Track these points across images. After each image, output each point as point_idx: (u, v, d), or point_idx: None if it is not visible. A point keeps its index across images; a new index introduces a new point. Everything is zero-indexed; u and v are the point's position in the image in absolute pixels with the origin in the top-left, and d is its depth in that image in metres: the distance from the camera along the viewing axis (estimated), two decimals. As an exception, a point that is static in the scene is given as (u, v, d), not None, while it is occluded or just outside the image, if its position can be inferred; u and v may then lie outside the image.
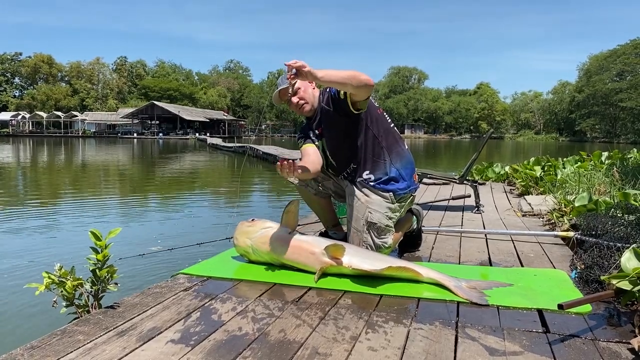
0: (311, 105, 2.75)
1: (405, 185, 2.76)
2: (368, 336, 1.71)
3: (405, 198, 2.79)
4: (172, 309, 1.96)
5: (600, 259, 2.45)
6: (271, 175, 16.42)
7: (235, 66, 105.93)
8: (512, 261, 2.85)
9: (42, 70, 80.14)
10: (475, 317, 1.90)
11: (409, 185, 2.78)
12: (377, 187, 2.70)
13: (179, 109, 64.87)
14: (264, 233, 2.58)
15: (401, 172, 2.75)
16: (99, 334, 1.70)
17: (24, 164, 20.79)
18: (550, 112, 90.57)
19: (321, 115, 2.75)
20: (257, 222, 2.66)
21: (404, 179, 2.76)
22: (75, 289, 2.09)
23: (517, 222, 4.19)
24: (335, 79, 2.38)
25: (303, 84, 2.68)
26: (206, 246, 3.38)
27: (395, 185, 2.72)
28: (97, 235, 2.13)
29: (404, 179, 2.76)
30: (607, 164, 6.73)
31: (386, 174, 2.71)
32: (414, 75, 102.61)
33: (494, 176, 7.98)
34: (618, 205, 3.37)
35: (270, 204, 10.01)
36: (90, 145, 39.93)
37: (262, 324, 1.81)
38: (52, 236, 6.17)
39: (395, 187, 2.72)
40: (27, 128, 67.59)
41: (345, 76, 2.39)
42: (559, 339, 1.69)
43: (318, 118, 2.77)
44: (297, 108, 2.74)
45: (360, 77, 2.42)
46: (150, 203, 9.77)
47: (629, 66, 72.51)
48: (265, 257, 2.56)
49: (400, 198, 2.76)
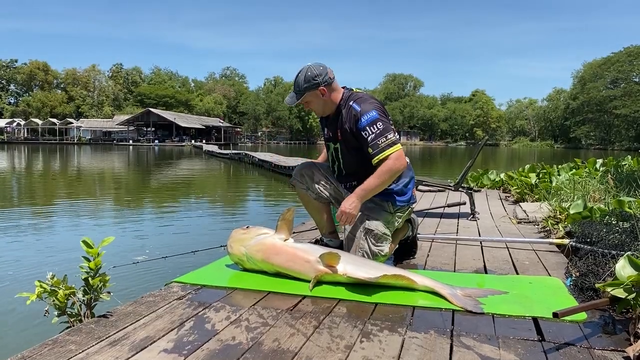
0: (322, 111, 2.79)
1: (406, 199, 2.78)
2: (363, 345, 1.69)
3: (403, 209, 2.80)
4: (166, 318, 1.94)
5: (595, 267, 2.45)
6: (267, 182, 16.42)
7: (231, 73, 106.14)
8: (507, 269, 2.85)
9: (38, 77, 79.94)
10: (470, 326, 1.89)
11: (409, 199, 2.80)
12: (376, 196, 2.68)
13: (175, 116, 64.85)
14: (259, 240, 2.56)
15: (402, 187, 2.75)
16: (91, 344, 1.68)
17: (18, 171, 20.69)
18: (545, 119, 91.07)
19: (339, 122, 2.73)
20: (252, 230, 2.64)
21: (405, 193, 2.77)
22: (67, 297, 2.07)
23: (512, 229, 4.19)
24: (376, 190, 2.56)
25: (311, 99, 2.70)
26: (200, 254, 3.37)
27: (394, 196, 2.73)
28: (88, 244, 2.11)
29: (405, 193, 2.77)
30: (601, 171, 6.75)
31: (389, 189, 2.70)
32: (410, 83, 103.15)
33: (489, 183, 8.00)
34: (612, 212, 3.38)
35: (265, 210, 9.98)
36: (86, 152, 39.81)
37: (256, 333, 1.80)
38: (45, 244, 6.13)
39: (394, 198, 2.73)
40: (22, 135, 67.36)
41: (382, 182, 2.53)
42: (554, 347, 1.69)
43: (335, 121, 2.76)
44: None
45: (396, 169, 2.53)
46: (144, 211, 9.73)
47: (623, 73, 73.09)
48: (259, 265, 2.54)
49: (399, 209, 2.77)
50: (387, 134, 2.53)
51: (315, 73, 2.64)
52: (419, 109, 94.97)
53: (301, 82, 2.65)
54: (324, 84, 2.64)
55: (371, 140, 2.53)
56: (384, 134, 2.52)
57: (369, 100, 2.66)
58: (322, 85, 2.64)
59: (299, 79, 2.66)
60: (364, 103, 2.62)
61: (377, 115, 2.55)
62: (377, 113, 2.56)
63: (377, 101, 2.71)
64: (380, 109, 2.61)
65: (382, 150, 2.52)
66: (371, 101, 2.66)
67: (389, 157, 2.51)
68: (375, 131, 2.52)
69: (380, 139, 2.52)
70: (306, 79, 2.63)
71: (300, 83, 2.65)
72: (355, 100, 2.66)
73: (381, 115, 2.57)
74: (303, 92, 2.66)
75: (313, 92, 2.65)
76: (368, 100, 2.65)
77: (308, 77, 2.63)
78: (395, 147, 2.53)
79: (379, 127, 2.53)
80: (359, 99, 2.66)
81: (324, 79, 2.64)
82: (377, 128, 2.52)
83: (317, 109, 2.77)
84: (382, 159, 2.52)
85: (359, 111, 2.59)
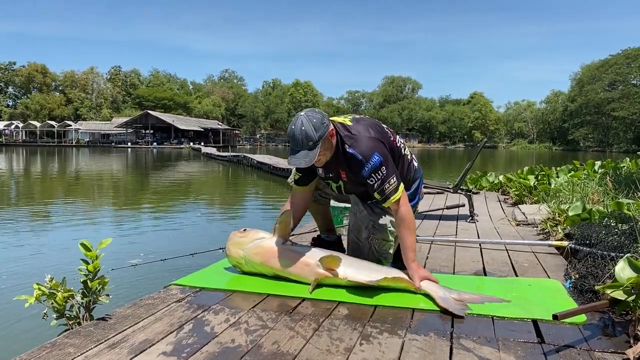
0: (327, 159, 2.47)
1: (414, 203, 2.73)
2: (362, 347, 1.69)
3: None
4: (165, 321, 1.93)
5: (594, 269, 2.45)
6: (265, 184, 16.41)
7: (230, 75, 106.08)
8: (506, 271, 2.85)
9: (36, 80, 79.85)
10: (469, 328, 1.88)
11: (416, 203, 2.78)
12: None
13: (173, 118, 64.82)
14: (257, 244, 2.54)
15: (412, 192, 2.72)
16: (89, 347, 1.68)
17: (16, 173, 20.66)
18: (543, 121, 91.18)
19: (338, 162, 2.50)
20: (250, 232, 2.61)
21: (414, 198, 2.73)
22: (66, 300, 2.06)
23: (511, 231, 4.19)
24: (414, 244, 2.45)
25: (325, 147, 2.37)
26: (199, 257, 3.36)
27: None
28: (87, 247, 2.11)
29: (414, 198, 2.73)
30: (600, 173, 6.76)
31: None
32: (408, 85, 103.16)
33: (488, 185, 8.00)
34: (612, 214, 3.38)
35: (264, 212, 9.98)
36: (84, 155, 39.77)
37: (256, 335, 1.79)
38: (43, 247, 6.12)
39: None
40: (20, 137, 67.22)
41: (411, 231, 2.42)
42: (554, 350, 1.69)
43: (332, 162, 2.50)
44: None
45: (409, 221, 2.42)
46: (143, 213, 9.72)
47: (621, 76, 73.25)
48: (258, 268, 2.53)
49: None
50: (390, 178, 2.37)
51: (319, 117, 2.30)
52: (418, 111, 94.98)
53: (311, 133, 2.24)
54: (330, 125, 2.37)
55: (377, 187, 2.40)
56: (388, 178, 2.37)
57: (364, 141, 2.40)
58: (330, 126, 2.35)
59: (306, 131, 2.24)
60: (361, 147, 2.38)
61: (380, 159, 2.36)
62: (379, 155, 2.36)
63: (371, 131, 2.47)
64: (379, 147, 2.41)
65: (389, 197, 2.40)
66: (367, 142, 2.40)
67: (396, 203, 2.40)
68: (380, 177, 2.37)
69: (385, 184, 2.37)
70: (315, 127, 2.25)
71: (311, 134, 2.24)
72: (350, 145, 2.40)
73: (382, 156, 2.38)
74: (318, 142, 2.27)
75: (326, 140, 2.33)
76: (364, 142, 2.39)
77: (316, 124, 2.26)
78: (398, 193, 2.39)
79: (383, 173, 2.36)
80: (353, 142, 2.41)
81: (326, 119, 2.34)
82: (381, 174, 2.36)
83: (325, 159, 2.43)
84: (390, 204, 2.43)
85: (361, 160, 2.37)
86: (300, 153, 2.26)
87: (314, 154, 2.26)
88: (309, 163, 2.27)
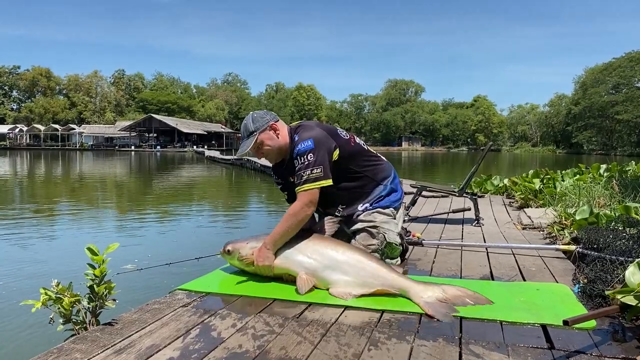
0: (277, 154, 2.61)
1: (400, 196, 2.80)
2: (371, 353, 1.68)
3: (399, 207, 2.82)
4: (171, 326, 1.92)
5: (603, 273, 2.42)
6: (269, 188, 16.40)
7: (233, 79, 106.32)
8: (514, 275, 2.83)
9: (40, 83, 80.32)
10: (478, 333, 1.87)
11: (400, 196, 2.81)
12: (377, 206, 2.68)
13: (177, 122, 65.07)
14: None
15: (391, 185, 2.75)
16: (96, 352, 1.67)
17: (21, 177, 20.72)
18: (546, 124, 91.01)
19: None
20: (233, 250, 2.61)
21: (395, 190, 2.77)
22: (72, 305, 2.05)
23: (517, 235, 4.17)
24: (285, 236, 2.43)
25: (264, 138, 2.54)
26: (204, 261, 3.35)
27: (390, 199, 2.73)
28: (93, 251, 2.10)
29: (395, 190, 2.77)
30: (605, 176, 6.72)
31: (380, 195, 2.70)
32: (411, 88, 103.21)
33: (493, 189, 7.98)
34: (619, 218, 3.36)
35: (268, 216, 9.97)
36: (88, 158, 39.88)
37: (263, 341, 1.78)
38: (49, 251, 6.12)
39: (391, 200, 2.73)
40: (24, 141, 67.55)
41: (289, 228, 2.41)
42: (564, 355, 1.67)
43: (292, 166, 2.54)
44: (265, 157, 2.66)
45: (301, 217, 2.41)
46: (148, 217, 9.73)
47: (625, 79, 72.95)
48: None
49: (397, 208, 2.78)
50: (314, 167, 2.40)
51: (261, 114, 2.58)
52: (421, 114, 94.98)
53: (249, 125, 2.54)
54: (273, 121, 2.56)
55: (297, 170, 2.43)
56: (310, 166, 2.40)
57: (313, 129, 2.52)
58: (271, 121, 2.55)
59: (246, 124, 2.56)
60: (305, 132, 2.50)
61: (313, 145, 2.41)
62: (312, 142, 2.42)
63: (323, 128, 2.57)
64: (319, 139, 2.45)
65: (303, 183, 2.41)
66: (310, 131, 2.51)
67: (303, 193, 2.41)
68: (304, 162, 2.42)
69: (306, 171, 2.40)
70: (254, 120, 2.54)
71: (249, 125, 2.54)
72: (299, 131, 2.54)
73: (317, 145, 2.42)
74: (254, 132, 2.53)
75: (265, 132, 2.53)
76: (307, 131, 2.51)
77: (255, 119, 2.55)
78: (314, 184, 2.40)
79: (309, 159, 2.41)
80: (302, 129, 2.54)
81: (271, 116, 2.58)
82: (306, 159, 2.41)
83: (272, 152, 2.59)
84: (300, 191, 2.43)
85: (297, 140, 2.49)
86: (243, 142, 2.58)
87: (251, 142, 2.53)
88: (244, 151, 2.58)
